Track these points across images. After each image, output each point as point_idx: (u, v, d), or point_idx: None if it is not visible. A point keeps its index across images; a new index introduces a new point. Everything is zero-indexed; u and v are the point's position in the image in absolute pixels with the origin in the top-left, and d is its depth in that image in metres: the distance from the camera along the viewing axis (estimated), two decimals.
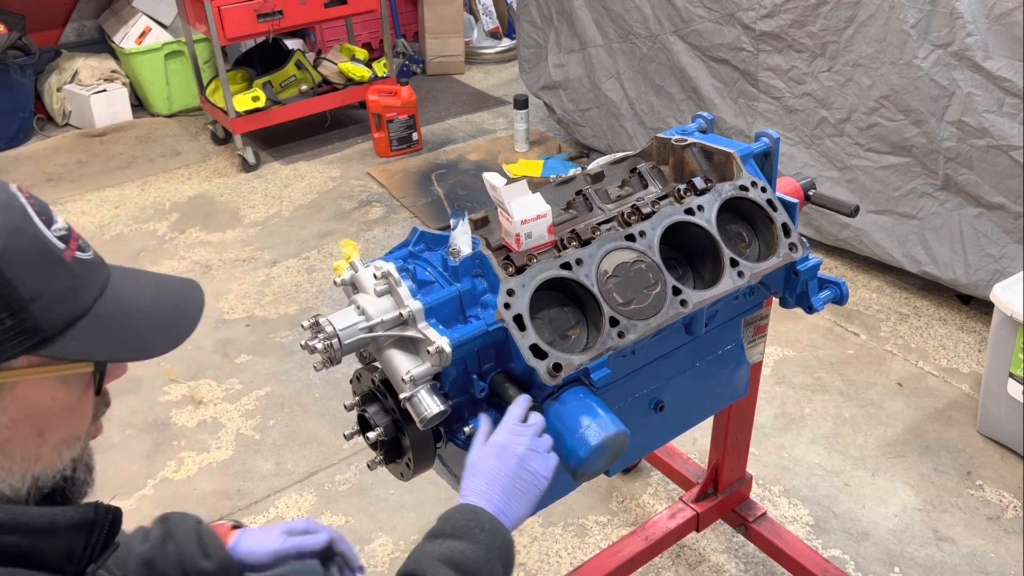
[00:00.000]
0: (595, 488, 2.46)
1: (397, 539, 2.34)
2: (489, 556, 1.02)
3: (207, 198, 4.35)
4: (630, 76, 3.97)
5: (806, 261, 1.46)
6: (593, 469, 1.19)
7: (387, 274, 1.19)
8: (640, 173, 1.52)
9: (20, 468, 0.79)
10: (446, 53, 5.98)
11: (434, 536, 1.04)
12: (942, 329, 3.05)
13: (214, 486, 2.55)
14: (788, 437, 2.61)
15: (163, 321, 0.86)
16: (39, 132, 5.25)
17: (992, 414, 2.50)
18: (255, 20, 4.34)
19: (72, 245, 0.81)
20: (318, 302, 3.42)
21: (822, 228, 3.37)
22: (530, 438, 1.13)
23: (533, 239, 1.28)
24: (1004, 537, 2.25)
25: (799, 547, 2.02)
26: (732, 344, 1.57)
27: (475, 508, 1.06)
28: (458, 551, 1.00)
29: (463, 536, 1.02)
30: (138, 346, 0.83)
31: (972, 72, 2.63)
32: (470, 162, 4.59)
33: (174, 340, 0.86)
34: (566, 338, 1.27)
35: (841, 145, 3.15)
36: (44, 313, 0.75)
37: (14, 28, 4.82)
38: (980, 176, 2.75)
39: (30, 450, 0.79)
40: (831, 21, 2.96)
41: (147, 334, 0.84)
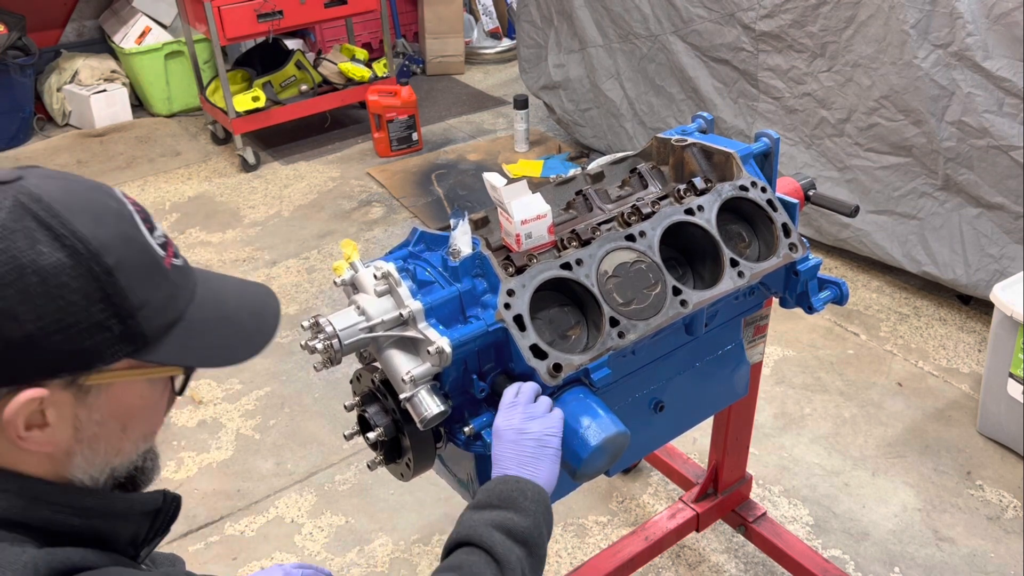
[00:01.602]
0: (595, 488, 2.46)
1: (397, 539, 2.34)
2: (536, 522, 1.04)
3: (207, 198, 4.36)
4: (630, 76, 3.97)
5: (806, 261, 1.46)
6: (593, 469, 1.19)
7: (387, 274, 1.19)
8: (640, 173, 1.52)
9: (102, 461, 0.83)
10: (446, 53, 5.98)
11: (480, 507, 1.06)
12: (942, 329, 3.05)
13: (214, 486, 2.55)
14: (788, 437, 2.61)
15: (245, 329, 0.90)
16: (39, 132, 5.25)
17: (992, 414, 2.50)
18: (255, 20, 4.34)
19: (169, 252, 0.84)
20: (318, 302, 3.42)
21: (822, 228, 3.37)
22: (522, 408, 1.14)
23: (533, 239, 1.28)
24: (1004, 537, 2.25)
25: (799, 547, 2.02)
26: (732, 344, 1.57)
27: (516, 478, 1.08)
28: (508, 519, 1.03)
29: (510, 506, 1.04)
30: (224, 353, 0.86)
31: (972, 72, 2.63)
32: (470, 162, 4.59)
33: (255, 348, 0.89)
34: (566, 338, 1.27)
35: (841, 145, 3.15)
36: (147, 321, 0.79)
37: (14, 28, 4.82)
38: (980, 176, 2.75)
39: (113, 444, 0.83)
40: (831, 21, 2.96)
41: (231, 341, 0.87)
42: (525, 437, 1.11)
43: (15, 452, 0.78)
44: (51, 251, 0.73)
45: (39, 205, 0.74)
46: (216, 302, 0.88)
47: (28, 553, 0.74)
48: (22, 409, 0.75)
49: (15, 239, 0.72)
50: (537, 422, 1.13)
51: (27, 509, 0.77)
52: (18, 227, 0.73)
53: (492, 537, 1.00)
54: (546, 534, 1.07)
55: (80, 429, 0.80)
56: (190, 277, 0.87)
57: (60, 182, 0.79)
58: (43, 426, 0.77)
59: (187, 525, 2.41)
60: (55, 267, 0.73)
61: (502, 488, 1.07)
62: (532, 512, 1.05)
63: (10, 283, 0.72)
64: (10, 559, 0.72)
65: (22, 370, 0.74)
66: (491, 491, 1.07)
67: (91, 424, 0.80)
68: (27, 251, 0.73)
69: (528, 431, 1.12)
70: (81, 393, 0.78)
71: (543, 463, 1.11)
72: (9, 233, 0.72)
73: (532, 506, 1.05)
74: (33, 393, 0.75)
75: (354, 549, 2.32)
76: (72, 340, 0.75)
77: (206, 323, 0.85)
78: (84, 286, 0.74)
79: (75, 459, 0.81)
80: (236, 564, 2.29)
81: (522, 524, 1.03)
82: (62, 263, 0.74)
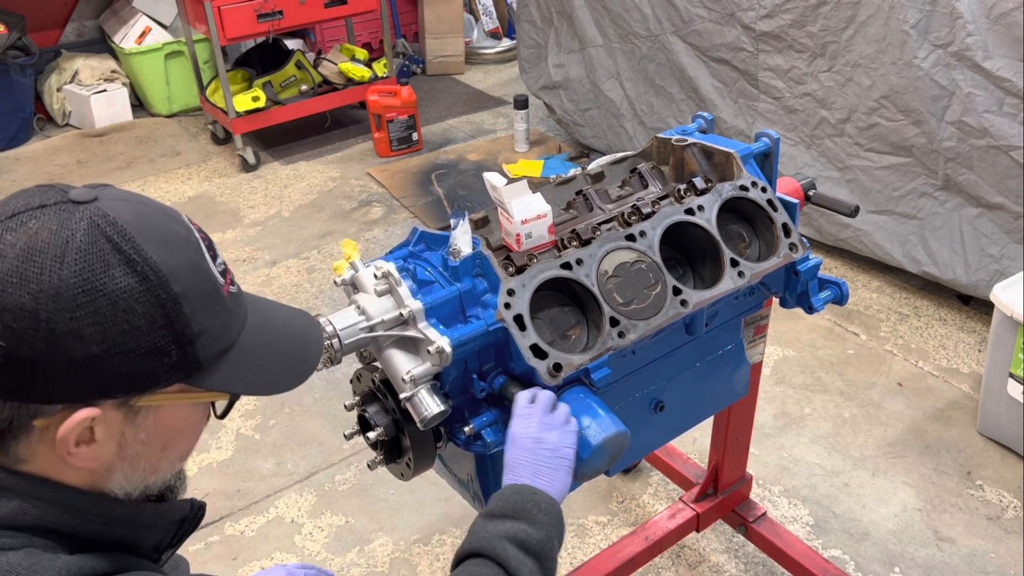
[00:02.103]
0: (595, 488, 2.46)
1: (397, 539, 2.34)
2: (549, 535, 1.05)
3: (207, 198, 4.35)
4: (630, 76, 3.97)
5: (806, 261, 1.46)
6: (593, 469, 1.19)
7: (387, 274, 1.19)
8: (640, 173, 1.52)
9: (140, 478, 0.85)
10: (446, 53, 5.98)
11: (494, 516, 1.05)
12: (942, 329, 3.05)
13: (214, 486, 2.55)
14: (788, 437, 2.61)
15: (290, 358, 0.91)
16: (39, 132, 5.25)
17: (992, 414, 2.50)
18: (255, 20, 4.34)
19: (228, 280, 0.85)
20: (318, 302, 3.42)
21: (822, 228, 3.37)
22: (540, 416, 1.13)
23: (533, 239, 1.28)
24: (1004, 537, 2.25)
25: (799, 547, 2.02)
26: (732, 344, 1.57)
27: (532, 488, 1.07)
28: (522, 531, 1.02)
29: (524, 517, 1.04)
30: (270, 382, 0.88)
31: (972, 72, 2.63)
32: (470, 162, 4.59)
33: (298, 378, 0.90)
34: (566, 338, 1.27)
35: (841, 145, 3.15)
36: (204, 348, 0.81)
37: (14, 28, 4.82)
38: (980, 176, 2.75)
39: (152, 463, 0.85)
40: (831, 21, 2.96)
41: (277, 370, 0.89)
42: (542, 447, 1.11)
43: (58, 464, 0.79)
44: (123, 275, 0.75)
45: (113, 228, 0.76)
46: (265, 330, 0.89)
47: (61, 559, 0.75)
48: (76, 427, 0.76)
49: (90, 261, 0.74)
50: (556, 432, 1.12)
51: (60, 517, 0.79)
52: (93, 250, 0.74)
53: (506, 550, 1.00)
54: (557, 546, 1.07)
55: (124, 447, 0.81)
56: (243, 304, 0.88)
57: (133, 205, 0.80)
58: (90, 442, 0.79)
59: None
60: (125, 291, 0.75)
61: (516, 499, 1.06)
62: (546, 525, 1.04)
63: (81, 305, 0.73)
64: (45, 565, 0.74)
65: (81, 389, 0.75)
66: (506, 500, 1.06)
67: (135, 443, 0.82)
68: (101, 274, 0.74)
69: (546, 441, 1.11)
70: (131, 413, 0.80)
71: (559, 473, 1.11)
72: (84, 256, 0.74)
73: (546, 518, 1.05)
74: (89, 412, 0.76)
75: (354, 549, 2.32)
76: (131, 363, 0.76)
77: (255, 351, 0.86)
78: (150, 311, 0.76)
79: (115, 475, 0.83)
80: (236, 564, 2.29)
81: (536, 537, 1.03)
82: (132, 288, 0.75)
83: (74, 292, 0.73)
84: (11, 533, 0.76)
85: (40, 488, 0.79)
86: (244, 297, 0.89)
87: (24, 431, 0.77)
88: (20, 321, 0.72)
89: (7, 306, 0.72)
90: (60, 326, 0.72)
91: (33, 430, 0.77)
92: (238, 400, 0.89)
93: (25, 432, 0.77)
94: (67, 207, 0.76)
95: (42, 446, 0.78)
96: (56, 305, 0.72)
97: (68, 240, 0.74)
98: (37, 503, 0.78)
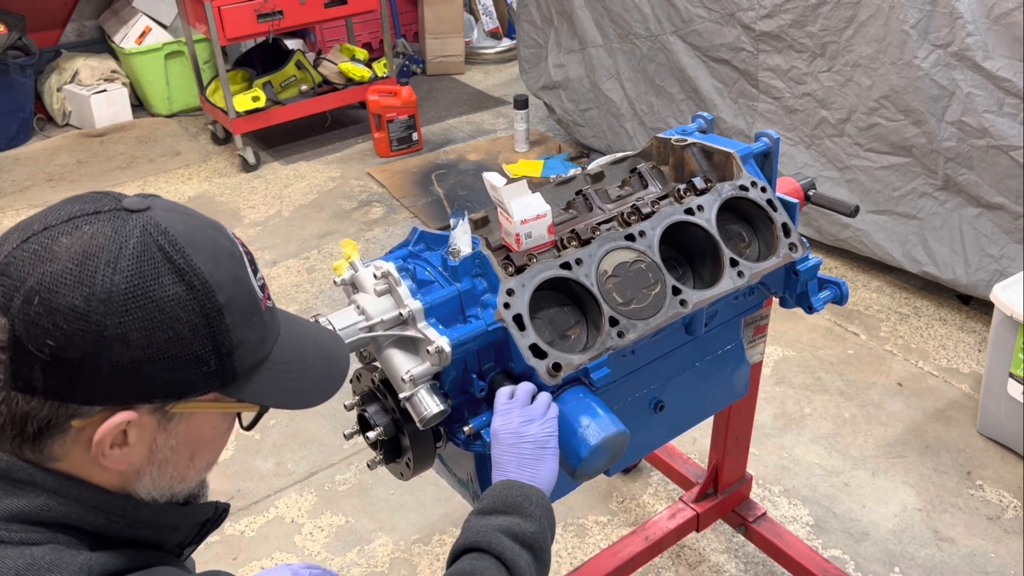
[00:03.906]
0: (595, 488, 2.46)
1: (397, 539, 2.34)
2: (542, 527, 1.07)
3: (207, 198, 4.35)
4: (630, 76, 3.97)
5: (806, 261, 1.46)
6: (593, 469, 1.19)
7: (387, 274, 1.19)
8: (640, 173, 1.52)
9: (167, 485, 0.86)
10: (446, 53, 5.98)
11: (487, 512, 1.07)
12: (942, 329, 3.05)
13: (214, 486, 2.55)
14: (788, 437, 2.61)
15: (319, 374, 0.93)
16: (39, 132, 5.25)
17: (992, 414, 2.50)
18: (255, 20, 4.34)
19: (266, 294, 0.88)
20: (318, 302, 3.42)
21: (822, 228, 3.37)
22: (519, 410, 1.15)
23: (533, 239, 1.28)
24: (1004, 537, 2.25)
25: (799, 547, 2.02)
26: (732, 344, 1.57)
27: (520, 484, 1.10)
28: (515, 524, 1.05)
29: (516, 511, 1.06)
30: (299, 396, 0.90)
31: (972, 72, 2.63)
32: (470, 162, 4.59)
33: (325, 394, 0.93)
34: (566, 338, 1.27)
35: (841, 145, 3.14)
36: (240, 360, 0.83)
37: (14, 28, 4.82)
38: (980, 176, 2.75)
39: (180, 471, 0.87)
40: (831, 21, 2.96)
41: (307, 385, 0.91)
42: (523, 440, 1.13)
43: (89, 465, 0.81)
44: (171, 284, 0.77)
45: (165, 238, 0.78)
46: (296, 346, 0.91)
47: (83, 555, 0.77)
48: (113, 430, 0.78)
49: (142, 268, 0.76)
50: (535, 424, 1.14)
51: (84, 516, 0.80)
52: (145, 257, 0.76)
53: (501, 543, 1.02)
54: (550, 537, 1.09)
55: (154, 452, 0.83)
56: (277, 319, 0.90)
57: (183, 217, 0.82)
58: (123, 445, 0.80)
59: None
60: (173, 300, 0.77)
61: (507, 493, 1.08)
62: (537, 517, 1.07)
63: (131, 310, 0.75)
64: (68, 560, 0.76)
65: (122, 393, 0.77)
66: (496, 496, 1.08)
67: (166, 448, 0.83)
68: (151, 281, 0.76)
69: (526, 434, 1.13)
70: (164, 419, 0.81)
71: (543, 464, 1.13)
72: (136, 262, 0.76)
73: (537, 511, 1.07)
74: (126, 416, 0.78)
75: (354, 549, 2.32)
76: (172, 370, 0.78)
77: (287, 365, 0.88)
78: (194, 320, 0.78)
79: (143, 479, 0.84)
80: (236, 564, 2.29)
81: (529, 529, 1.05)
82: (179, 296, 0.77)
83: (125, 297, 0.75)
84: (37, 529, 0.77)
85: (67, 486, 0.80)
86: (278, 312, 0.92)
87: (60, 431, 0.78)
88: (71, 322, 0.74)
89: (59, 307, 0.73)
90: (109, 330, 0.74)
91: (69, 430, 0.78)
92: (267, 412, 0.91)
93: (61, 432, 0.78)
94: (121, 215, 0.78)
95: (76, 446, 0.79)
96: (107, 309, 0.74)
97: (122, 246, 0.76)
98: (63, 500, 0.79)
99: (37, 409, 0.77)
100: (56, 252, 0.75)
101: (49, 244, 0.75)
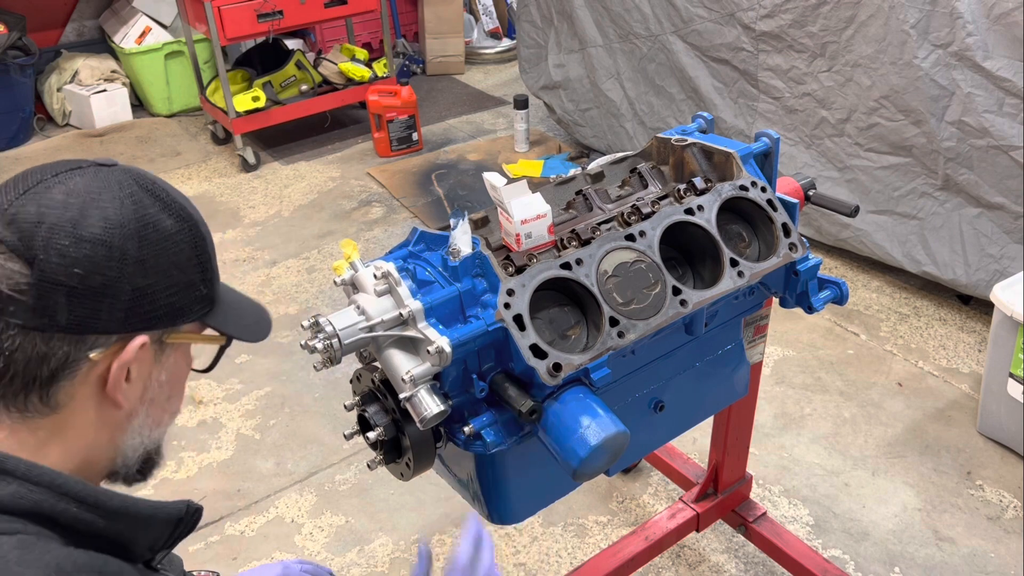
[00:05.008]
0: (595, 488, 2.46)
1: (397, 539, 2.34)
2: None
3: (207, 198, 4.36)
4: (630, 76, 3.97)
5: (806, 261, 1.46)
6: (593, 469, 1.19)
7: (387, 274, 1.19)
8: (640, 173, 1.52)
9: (149, 428, 0.93)
10: (446, 53, 5.98)
11: None
12: (942, 329, 3.05)
13: (214, 486, 2.55)
14: (788, 437, 2.61)
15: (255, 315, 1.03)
16: (39, 132, 5.25)
17: (992, 414, 2.50)
18: (255, 20, 4.34)
19: None
20: (318, 302, 3.42)
21: (822, 228, 3.37)
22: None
23: (533, 239, 1.28)
24: (1004, 537, 2.25)
25: (799, 547, 2.02)
26: (732, 344, 1.57)
27: None
28: None
29: None
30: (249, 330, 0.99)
31: (972, 72, 2.63)
32: (470, 162, 4.59)
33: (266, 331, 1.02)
34: (566, 338, 1.27)
35: (841, 145, 3.15)
36: (215, 288, 0.93)
37: (14, 28, 4.82)
38: (980, 176, 2.75)
39: (159, 413, 0.93)
40: (831, 21, 2.96)
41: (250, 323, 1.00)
42: None
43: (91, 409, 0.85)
44: (165, 216, 0.87)
45: (146, 181, 0.88)
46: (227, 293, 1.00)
47: (52, 553, 0.76)
48: (133, 355, 0.84)
49: (139, 200, 0.85)
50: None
51: (56, 505, 0.81)
52: (138, 195, 0.85)
53: None
54: None
55: (147, 389, 0.90)
56: None
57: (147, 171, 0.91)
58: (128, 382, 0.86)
59: None
60: (170, 228, 0.86)
61: None
62: None
63: (144, 236, 0.83)
64: (36, 556, 0.76)
65: (137, 318, 0.84)
66: None
67: (156, 385, 0.90)
68: (151, 211, 0.85)
69: None
70: (160, 350, 0.89)
71: None
72: (133, 197, 0.85)
73: None
74: (143, 339, 0.85)
75: (354, 549, 2.32)
76: (175, 295, 0.87)
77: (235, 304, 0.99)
78: (188, 249, 0.88)
79: (134, 421, 0.90)
80: (236, 564, 2.29)
81: None
82: (174, 226, 0.87)
83: (135, 225, 0.83)
84: (7, 518, 0.77)
85: (39, 473, 0.80)
86: None
87: (72, 370, 0.82)
88: (96, 248, 0.80)
89: (84, 236, 0.80)
90: (129, 254, 0.82)
91: (81, 369, 0.82)
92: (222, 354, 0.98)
93: (72, 371, 0.82)
94: (99, 168, 0.86)
95: (84, 387, 0.84)
96: (124, 234, 0.82)
97: (118, 188, 0.84)
98: (35, 488, 0.79)
99: (56, 347, 0.81)
100: (59, 198, 0.81)
101: (49, 192, 0.82)
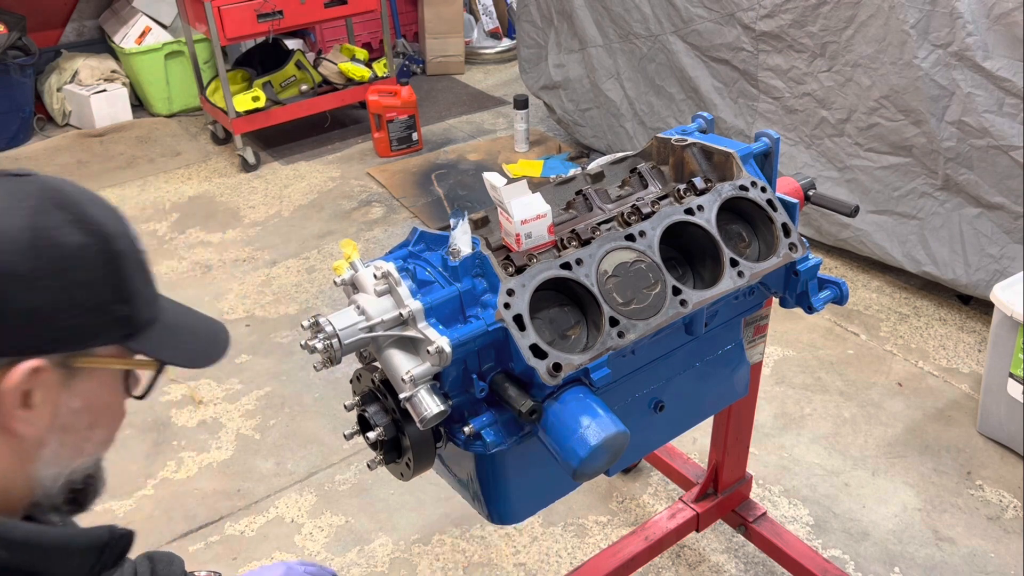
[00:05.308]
0: (595, 488, 2.46)
1: (397, 539, 2.34)
2: None
3: (207, 198, 4.35)
4: (630, 76, 3.97)
5: (806, 261, 1.46)
6: (593, 469, 1.19)
7: (387, 274, 1.19)
8: (640, 173, 1.52)
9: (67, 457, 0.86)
10: (446, 53, 5.98)
11: None
12: (942, 329, 3.05)
13: (214, 486, 2.55)
14: (788, 437, 2.61)
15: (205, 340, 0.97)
16: (39, 132, 5.25)
17: (992, 414, 2.50)
18: (255, 20, 4.34)
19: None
20: (318, 302, 3.42)
21: (822, 228, 3.37)
22: None
23: (533, 239, 1.28)
24: (1004, 537, 2.25)
25: (799, 547, 2.02)
26: (732, 344, 1.57)
27: None
28: None
29: None
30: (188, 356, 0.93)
31: (972, 72, 2.63)
32: (470, 162, 4.59)
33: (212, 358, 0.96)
34: (566, 338, 1.27)
35: (841, 145, 3.15)
36: (139, 310, 0.87)
37: (14, 28, 4.82)
38: (980, 176, 2.75)
39: (79, 441, 0.87)
40: (831, 21, 2.96)
41: (197, 347, 0.95)
42: None
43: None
44: (71, 232, 0.81)
45: (59, 193, 0.83)
46: (182, 316, 0.96)
47: None
48: (21, 380, 0.78)
49: (41, 217, 0.80)
50: None
51: None
52: (43, 208, 0.80)
53: None
54: None
55: (57, 416, 0.83)
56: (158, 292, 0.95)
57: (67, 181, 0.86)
58: (28, 408, 0.80)
59: (187, 525, 2.41)
60: (74, 245, 0.81)
61: None
62: None
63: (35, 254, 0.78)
64: None
65: (28, 339, 0.78)
66: None
67: (68, 412, 0.83)
68: (52, 229, 0.80)
69: None
70: (68, 375, 0.82)
71: None
72: (34, 213, 0.79)
73: None
74: (33, 363, 0.78)
75: (354, 549, 2.32)
76: (77, 316, 0.81)
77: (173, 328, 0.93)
78: (95, 266, 0.82)
79: (44, 451, 0.83)
80: (236, 564, 2.29)
81: None
82: (80, 243, 0.81)
83: (26, 242, 0.77)
84: None
85: None
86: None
87: None
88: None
89: None
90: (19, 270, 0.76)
91: None
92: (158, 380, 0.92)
93: None
94: (11, 179, 0.83)
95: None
96: (14, 247, 0.77)
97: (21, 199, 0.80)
98: None
99: None
100: None
101: None
